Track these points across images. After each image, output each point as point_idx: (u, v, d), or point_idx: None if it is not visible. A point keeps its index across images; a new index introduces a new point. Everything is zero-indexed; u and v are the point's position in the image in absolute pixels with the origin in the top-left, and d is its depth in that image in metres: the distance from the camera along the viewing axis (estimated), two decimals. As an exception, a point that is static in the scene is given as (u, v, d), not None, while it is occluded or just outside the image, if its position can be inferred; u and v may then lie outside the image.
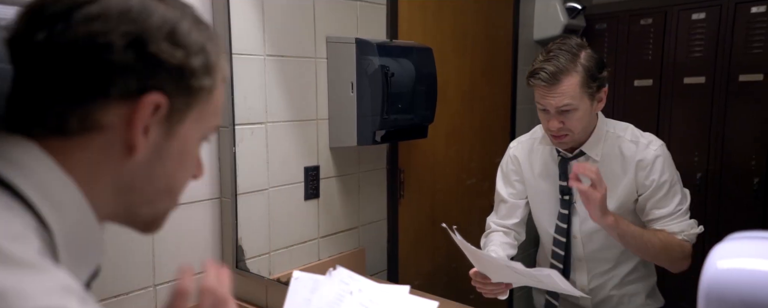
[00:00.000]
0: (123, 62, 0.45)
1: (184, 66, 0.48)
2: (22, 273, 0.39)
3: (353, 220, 1.66)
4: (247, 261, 1.42)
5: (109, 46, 0.44)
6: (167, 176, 0.51)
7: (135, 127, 0.46)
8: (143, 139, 0.47)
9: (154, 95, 0.46)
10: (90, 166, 0.46)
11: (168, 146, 0.50)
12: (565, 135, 1.20)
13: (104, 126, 0.46)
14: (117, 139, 0.46)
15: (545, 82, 1.15)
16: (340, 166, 1.60)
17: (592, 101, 1.19)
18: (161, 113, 0.47)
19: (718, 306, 0.44)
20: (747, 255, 0.45)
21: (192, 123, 0.51)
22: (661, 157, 1.22)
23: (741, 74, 1.98)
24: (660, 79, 2.16)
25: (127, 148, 0.47)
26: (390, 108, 1.48)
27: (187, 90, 0.49)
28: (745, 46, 1.97)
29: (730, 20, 1.99)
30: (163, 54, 0.46)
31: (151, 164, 0.49)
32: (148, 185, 0.50)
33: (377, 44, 1.48)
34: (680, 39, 2.11)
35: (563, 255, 1.33)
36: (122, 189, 0.49)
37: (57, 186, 0.45)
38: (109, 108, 0.45)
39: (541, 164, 1.34)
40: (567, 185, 1.26)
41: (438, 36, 1.88)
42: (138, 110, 0.46)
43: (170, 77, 0.47)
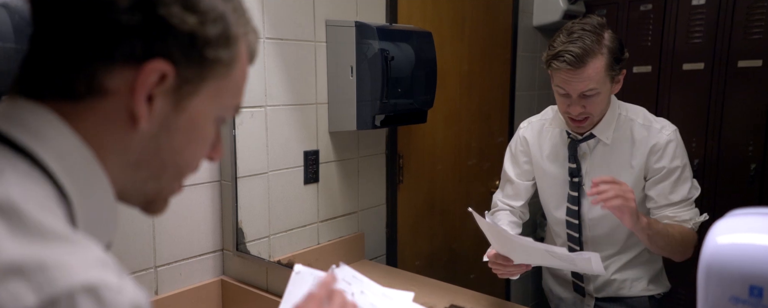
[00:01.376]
0: (128, 23, 0.42)
1: (197, 33, 0.45)
2: (59, 245, 0.37)
3: (352, 204, 1.67)
4: (247, 244, 1.43)
5: (112, 5, 0.42)
6: (174, 151, 0.48)
7: (137, 94, 0.44)
8: (146, 108, 0.44)
9: (159, 62, 0.43)
10: (98, 134, 0.45)
11: (176, 120, 0.47)
12: (586, 118, 1.18)
13: (110, 91, 0.44)
14: (123, 106, 0.44)
15: (571, 65, 1.09)
16: (339, 150, 1.60)
17: (612, 83, 1.16)
18: (168, 82, 0.45)
19: (718, 280, 0.45)
20: (746, 230, 0.46)
21: (206, 98, 0.48)
22: (673, 142, 1.20)
23: (740, 60, 1.98)
24: (659, 65, 2.16)
25: (130, 118, 0.45)
26: (390, 92, 1.47)
27: (199, 60, 0.46)
28: (744, 33, 1.97)
29: (730, 6, 1.98)
30: (173, 18, 0.43)
31: (157, 137, 0.47)
32: (154, 159, 0.48)
33: (377, 28, 1.47)
34: (680, 25, 2.10)
35: (578, 237, 1.32)
36: (129, 163, 0.47)
37: (75, 156, 0.43)
38: (114, 72, 0.43)
39: (550, 145, 1.33)
40: (575, 167, 1.27)
41: (437, 20, 1.87)
42: (140, 76, 0.43)
43: (180, 43, 0.44)
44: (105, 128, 0.45)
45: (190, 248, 1.38)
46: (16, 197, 0.38)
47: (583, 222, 1.31)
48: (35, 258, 0.36)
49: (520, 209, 1.43)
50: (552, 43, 1.14)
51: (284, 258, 1.47)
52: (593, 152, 1.27)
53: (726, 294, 0.44)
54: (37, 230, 0.37)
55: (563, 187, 1.31)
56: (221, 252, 1.45)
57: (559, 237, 1.39)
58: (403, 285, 1.44)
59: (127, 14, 0.42)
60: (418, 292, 1.38)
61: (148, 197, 0.51)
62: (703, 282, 0.46)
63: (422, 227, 1.91)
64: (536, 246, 1.16)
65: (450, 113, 1.95)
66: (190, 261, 1.38)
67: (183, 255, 1.36)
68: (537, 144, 1.35)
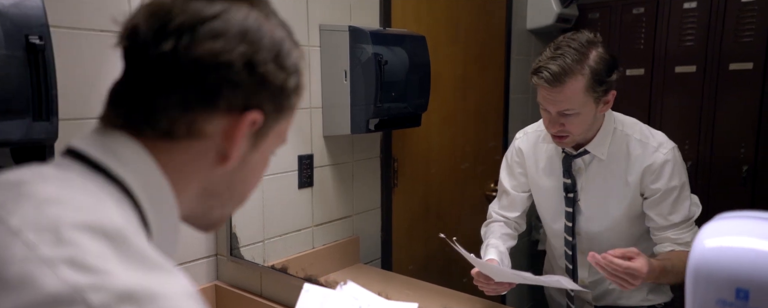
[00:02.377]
0: (237, 80, 0.48)
1: (284, 87, 0.51)
2: (161, 274, 0.40)
3: (347, 208, 1.67)
4: (241, 249, 1.42)
5: (229, 65, 0.47)
6: (244, 183, 0.55)
7: (235, 140, 0.49)
8: (238, 150, 0.50)
9: (256, 113, 0.49)
10: (186, 170, 0.50)
11: (251, 157, 0.53)
12: (565, 136, 1.16)
13: (206, 135, 0.49)
14: (213, 147, 0.50)
15: (548, 83, 1.07)
16: (333, 154, 1.60)
17: (597, 104, 1.12)
18: (255, 128, 0.50)
19: (706, 283, 0.45)
20: (733, 233, 0.46)
21: (273, 137, 0.54)
22: (670, 162, 1.16)
23: (731, 63, 2.00)
24: (652, 68, 2.17)
25: (220, 157, 0.50)
26: (383, 96, 1.48)
27: (280, 109, 0.52)
28: (735, 36, 1.98)
29: (721, 10, 2.00)
30: (270, 75, 0.49)
31: (234, 172, 0.52)
32: (226, 191, 0.54)
33: (371, 32, 1.47)
34: (672, 28, 2.12)
35: (572, 253, 1.31)
36: (205, 194, 0.52)
37: (157, 186, 0.48)
38: (214, 118, 0.48)
39: (545, 158, 1.30)
40: (570, 182, 1.24)
41: (431, 24, 1.87)
42: (240, 125, 0.49)
43: (271, 96, 0.50)
44: (194, 164, 0.50)
45: (184, 253, 1.37)
46: (121, 224, 0.42)
47: (579, 237, 1.29)
48: (145, 286, 0.38)
49: (516, 220, 1.40)
50: (539, 56, 1.12)
51: (278, 262, 1.47)
52: (588, 168, 1.24)
53: (713, 297, 0.44)
54: (143, 258, 0.40)
55: (559, 201, 1.29)
56: (215, 257, 1.45)
57: (555, 248, 1.38)
58: (398, 288, 1.44)
59: (238, 73, 0.48)
60: (414, 296, 1.38)
61: (212, 221, 0.57)
62: (691, 285, 0.46)
63: (417, 230, 1.91)
64: (505, 271, 1.18)
65: (444, 117, 1.96)
66: (184, 267, 1.37)
67: (176, 260, 1.36)
68: (532, 157, 1.33)
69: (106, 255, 0.38)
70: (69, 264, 0.37)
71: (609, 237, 1.25)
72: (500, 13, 2.22)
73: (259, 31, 0.49)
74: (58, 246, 0.38)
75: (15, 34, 0.88)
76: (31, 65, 0.89)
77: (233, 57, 0.47)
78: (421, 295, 1.39)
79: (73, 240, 0.38)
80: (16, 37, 0.88)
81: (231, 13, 0.48)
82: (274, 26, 0.51)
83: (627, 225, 1.26)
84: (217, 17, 0.48)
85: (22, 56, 0.88)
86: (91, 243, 0.39)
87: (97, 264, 0.37)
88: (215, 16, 0.48)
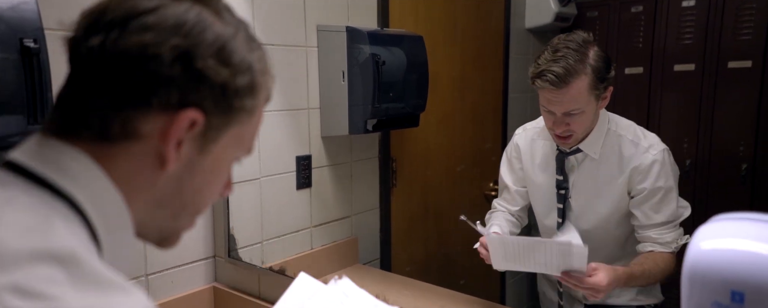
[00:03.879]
0: (168, 75, 0.45)
1: (228, 85, 0.47)
2: (117, 293, 0.39)
3: (346, 209, 1.66)
4: (239, 251, 1.42)
5: (157, 58, 0.44)
6: (194, 191, 0.51)
7: (169, 140, 0.46)
8: (175, 153, 0.47)
9: (192, 112, 0.46)
10: (128, 174, 0.47)
11: (200, 163, 0.49)
12: (570, 136, 1.18)
13: (143, 135, 0.46)
14: (152, 149, 0.47)
15: (553, 85, 1.08)
16: (332, 155, 1.60)
17: (597, 102, 1.15)
18: (197, 129, 0.47)
19: (702, 285, 0.45)
20: (729, 235, 0.46)
21: (227, 142, 0.50)
22: (658, 163, 1.17)
23: (730, 61, 2.00)
24: (650, 66, 2.17)
25: (159, 160, 0.47)
26: (381, 97, 1.47)
27: (227, 109, 0.48)
28: (733, 34, 1.98)
29: (720, 8, 2.00)
30: (209, 71, 0.46)
31: (181, 178, 0.49)
32: (176, 198, 0.50)
33: (368, 33, 1.47)
34: (670, 27, 2.12)
35: None
36: (153, 202, 0.49)
37: (106, 198, 0.45)
38: (149, 117, 0.45)
39: (541, 155, 1.33)
40: (562, 179, 1.26)
41: (429, 24, 1.87)
42: (174, 124, 0.46)
43: (212, 94, 0.47)
44: (134, 169, 0.47)
45: (182, 255, 1.37)
46: (72, 245, 0.39)
47: None
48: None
49: (518, 213, 1.43)
50: (537, 60, 1.13)
51: (276, 264, 1.47)
52: (581, 166, 1.26)
53: (708, 299, 0.44)
54: (97, 279, 0.38)
55: (552, 198, 1.31)
56: (213, 258, 1.45)
57: None
58: (396, 289, 1.43)
59: (169, 67, 0.44)
60: (412, 296, 1.38)
61: (164, 233, 0.53)
62: (687, 287, 0.46)
63: (416, 231, 1.91)
64: (512, 240, 1.16)
65: (443, 117, 1.96)
66: (181, 269, 1.37)
67: (174, 262, 1.35)
68: (529, 153, 1.36)
69: (57, 279, 0.37)
70: (13, 291, 0.35)
71: (598, 235, 1.26)
72: (498, 13, 2.22)
73: (198, 25, 0.46)
74: (2, 272, 0.36)
75: (10, 38, 0.88)
76: (25, 68, 0.89)
77: (163, 50, 0.44)
78: (419, 296, 1.39)
79: (19, 265, 0.36)
80: (11, 40, 0.88)
81: (169, 8, 0.46)
82: (225, 23, 0.48)
83: (615, 224, 1.27)
84: (152, 11, 0.45)
85: (16, 59, 0.88)
86: (39, 268, 0.37)
87: (45, 289, 0.36)
88: (150, 11, 0.45)
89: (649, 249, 1.21)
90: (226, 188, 0.56)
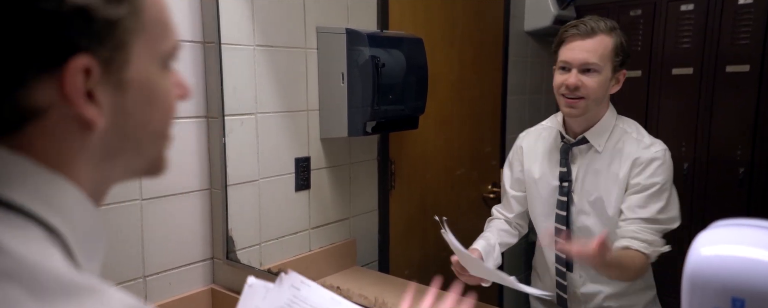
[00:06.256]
0: (14, 42, 0.35)
1: (84, 7, 0.37)
2: (86, 298, 0.35)
3: (344, 211, 1.66)
4: (237, 252, 1.42)
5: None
6: (143, 124, 0.43)
7: (76, 100, 0.38)
8: (93, 107, 0.39)
9: (77, 60, 0.37)
10: (56, 151, 0.39)
11: (126, 98, 0.41)
12: (580, 98, 1.19)
13: (44, 107, 0.38)
14: (68, 115, 0.39)
15: (581, 32, 1.17)
16: (330, 157, 1.60)
17: (612, 74, 1.20)
18: (96, 71, 0.38)
19: (702, 292, 0.45)
20: (729, 241, 0.46)
21: (139, 59, 0.42)
22: (657, 160, 1.18)
23: (728, 65, 2.00)
24: (649, 70, 2.17)
25: (82, 124, 0.39)
26: (381, 99, 1.47)
27: (105, 32, 0.38)
28: (732, 38, 1.99)
29: (718, 12, 2.00)
30: (50, 4, 0.35)
31: (117, 123, 0.41)
32: (126, 142, 0.43)
33: (368, 35, 1.47)
34: (669, 30, 2.12)
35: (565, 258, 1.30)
36: (101, 159, 0.42)
37: (47, 186, 0.39)
38: (35, 88, 0.37)
39: (544, 148, 1.34)
40: (566, 171, 1.27)
41: (428, 26, 1.87)
42: (66, 82, 0.37)
43: (76, 28, 0.37)
44: (60, 143, 0.39)
45: (180, 257, 1.37)
46: (21, 255, 0.34)
47: (571, 230, 1.30)
48: None
49: (515, 221, 1.43)
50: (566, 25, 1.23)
51: (275, 265, 1.47)
52: (584, 158, 1.27)
53: (709, 306, 0.44)
54: (61, 287, 0.34)
55: (553, 194, 1.31)
56: (211, 260, 1.45)
57: (547, 255, 1.38)
58: (394, 291, 1.43)
59: (6, 34, 0.35)
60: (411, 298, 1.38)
61: (141, 170, 0.47)
62: (687, 294, 0.46)
63: (414, 233, 1.91)
64: (481, 266, 1.22)
65: (442, 119, 1.96)
66: (179, 270, 1.37)
67: (172, 264, 1.35)
68: (532, 150, 1.37)
69: (17, 298, 0.33)
70: None
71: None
72: (497, 15, 2.22)
73: None
74: None
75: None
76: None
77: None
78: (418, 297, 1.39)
79: None
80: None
81: None
82: None
83: (616, 223, 1.24)
84: None
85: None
86: None
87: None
88: None
89: (625, 245, 1.16)
90: (181, 89, 0.48)
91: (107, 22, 0.38)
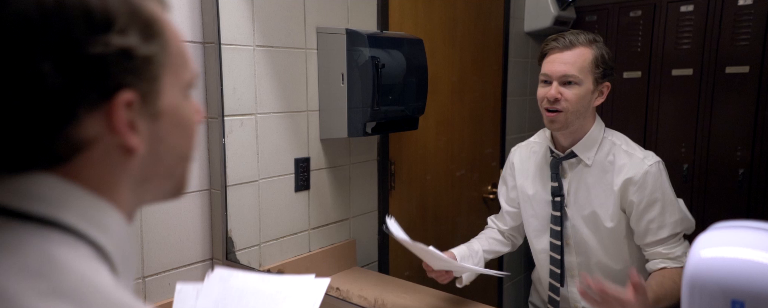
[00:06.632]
0: (56, 86, 0.38)
1: (125, 48, 0.41)
2: None
3: (344, 211, 1.66)
4: (237, 253, 1.42)
5: (39, 77, 0.38)
6: (173, 148, 0.49)
7: (121, 131, 0.43)
8: (136, 136, 0.44)
9: (121, 95, 0.42)
10: (101, 179, 0.44)
11: (159, 125, 0.46)
12: (560, 111, 1.18)
13: (93, 140, 0.42)
14: (112, 144, 0.43)
15: (560, 45, 1.18)
16: (330, 157, 1.60)
17: (594, 86, 1.19)
18: (137, 103, 0.43)
19: (702, 293, 0.45)
20: (729, 244, 0.46)
21: (169, 88, 0.47)
22: (651, 174, 1.16)
23: (728, 66, 2.00)
24: (649, 71, 2.18)
25: (125, 151, 0.44)
26: (381, 100, 1.47)
27: (146, 68, 0.43)
28: (731, 39, 1.99)
29: (718, 13, 2.00)
30: (96, 48, 0.39)
31: (153, 149, 0.46)
32: (158, 167, 0.48)
33: (368, 35, 1.47)
34: (669, 31, 2.12)
35: (559, 260, 1.30)
36: (138, 182, 0.47)
37: (94, 209, 0.43)
38: (86, 124, 0.41)
39: (534, 165, 1.34)
40: (557, 186, 1.26)
41: (429, 27, 1.87)
42: (114, 116, 0.42)
43: (123, 68, 0.41)
44: (105, 170, 0.44)
45: (180, 257, 1.37)
46: (80, 271, 0.38)
47: (566, 247, 1.29)
48: None
49: (509, 232, 1.44)
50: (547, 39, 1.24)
51: (274, 266, 1.47)
52: (574, 172, 1.25)
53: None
54: (105, 304, 0.38)
55: (546, 209, 1.30)
56: (211, 261, 1.44)
57: (542, 267, 1.37)
58: (394, 292, 1.43)
59: (54, 78, 0.38)
60: (411, 299, 1.38)
61: (168, 192, 0.52)
62: (687, 296, 0.46)
63: (414, 233, 1.90)
64: (436, 254, 1.23)
65: (442, 120, 1.96)
66: (179, 271, 1.37)
67: (172, 264, 1.35)
68: (523, 166, 1.37)
69: None
70: None
71: (598, 248, 1.24)
72: (498, 16, 2.22)
73: (51, 9, 0.38)
74: None
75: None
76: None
77: (40, 65, 0.38)
78: (417, 299, 1.39)
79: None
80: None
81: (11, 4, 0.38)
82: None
83: (614, 236, 1.24)
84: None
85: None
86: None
87: None
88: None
89: (661, 266, 1.18)
90: (199, 118, 0.53)
91: (144, 59, 0.43)
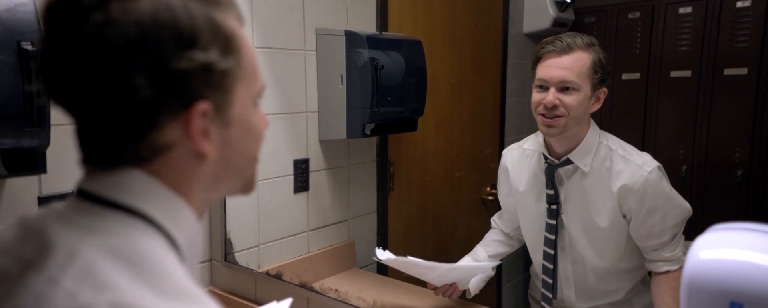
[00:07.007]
0: (149, 97, 0.44)
1: (206, 63, 0.46)
2: (193, 305, 0.42)
3: (343, 213, 1.66)
4: (235, 254, 1.42)
5: (134, 88, 0.43)
6: (242, 152, 0.53)
7: (196, 138, 0.47)
8: (208, 142, 0.48)
9: (198, 106, 0.46)
10: (178, 180, 0.49)
11: (231, 132, 0.50)
12: (558, 117, 1.13)
13: (172, 144, 0.47)
14: (188, 149, 0.48)
15: (557, 49, 1.14)
16: (329, 159, 1.60)
17: (592, 92, 1.14)
18: (211, 113, 0.48)
19: (700, 295, 0.45)
20: (728, 245, 0.46)
21: (242, 98, 0.51)
22: (650, 182, 1.13)
23: (726, 68, 2.00)
24: (647, 72, 2.18)
25: (198, 156, 0.48)
26: (380, 101, 1.47)
27: (222, 81, 0.48)
28: (730, 41, 1.99)
29: (716, 15, 2.01)
30: (182, 63, 0.44)
31: (224, 154, 0.51)
32: (229, 170, 0.52)
33: (367, 37, 1.47)
34: (667, 33, 2.13)
35: (552, 269, 1.27)
36: (210, 184, 0.52)
37: (171, 204, 0.48)
38: (166, 130, 0.46)
39: (528, 174, 1.29)
40: (553, 194, 1.22)
41: (428, 28, 1.87)
42: (191, 124, 0.46)
43: (200, 81, 0.46)
44: (181, 173, 0.49)
45: (179, 258, 1.37)
46: (157, 258, 0.44)
47: (561, 252, 1.26)
48: None
49: (514, 232, 1.42)
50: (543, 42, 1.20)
51: (273, 268, 1.46)
52: (570, 180, 1.21)
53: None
54: (175, 290, 0.42)
55: (542, 218, 1.26)
56: (209, 262, 1.44)
57: (538, 278, 1.36)
58: (393, 293, 1.43)
59: (146, 89, 0.43)
60: (410, 301, 1.38)
61: (237, 189, 0.56)
62: (686, 297, 0.46)
63: (413, 235, 1.91)
64: (417, 263, 1.23)
65: (441, 121, 1.96)
66: (178, 272, 1.37)
67: (171, 265, 1.35)
68: (516, 173, 1.32)
69: (145, 294, 0.41)
70: (112, 306, 0.39)
71: (594, 258, 1.23)
72: (497, 17, 2.23)
73: (150, 28, 0.43)
74: (98, 290, 0.40)
75: (7, 40, 0.88)
76: (22, 71, 0.88)
77: (135, 79, 0.43)
78: (416, 300, 1.39)
79: (112, 284, 0.40)
80: (8, 43, 0.88)
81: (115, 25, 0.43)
82: (153, 3, 0.44)
83: (613, 244, 1.22)
84: (97, 36, 0.43)
85: (14, 62, 0.88)
86: (129, 285, 0.41)
87: (137, 302, 0.40)
88: (96, 38, 0.43)
89: (665, 269, 1.18)
90: (263, 121, 0.56)
91: (222, 73, 0.48)
